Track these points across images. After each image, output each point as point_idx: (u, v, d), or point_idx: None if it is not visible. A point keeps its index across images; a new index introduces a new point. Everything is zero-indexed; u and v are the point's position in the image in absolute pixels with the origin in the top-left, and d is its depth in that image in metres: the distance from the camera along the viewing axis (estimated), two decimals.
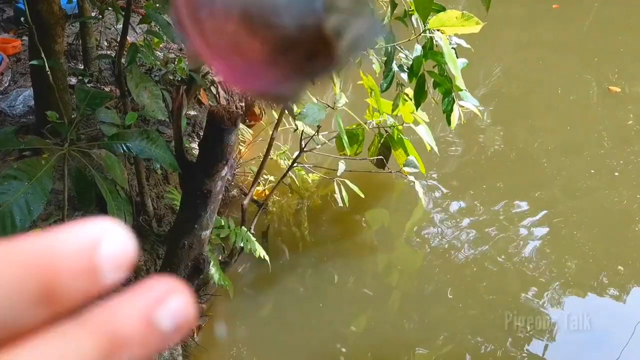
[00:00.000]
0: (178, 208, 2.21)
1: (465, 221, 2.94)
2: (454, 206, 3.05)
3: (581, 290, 2.63)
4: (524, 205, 3.10)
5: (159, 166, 2.29)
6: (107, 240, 0.14)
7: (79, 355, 0.13)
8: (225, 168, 1.60)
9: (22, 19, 3.39)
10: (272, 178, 2.86)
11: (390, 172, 2.60)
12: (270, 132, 2.35)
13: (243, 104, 3.44)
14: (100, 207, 1.79)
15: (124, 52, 1.84)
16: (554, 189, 3.26)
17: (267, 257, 2.17)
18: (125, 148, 1.40)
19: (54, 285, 0.13)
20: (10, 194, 1.15)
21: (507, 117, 3.99)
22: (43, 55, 1.59)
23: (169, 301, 0.16)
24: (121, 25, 3.02)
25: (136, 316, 0.14)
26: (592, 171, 3.35)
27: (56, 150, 1.35)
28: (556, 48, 5.02)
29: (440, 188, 3.16)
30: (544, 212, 3.04)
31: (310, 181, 2.85)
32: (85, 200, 1.42)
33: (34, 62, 1.72)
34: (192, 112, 2.89)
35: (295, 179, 2.82)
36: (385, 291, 2.60)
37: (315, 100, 2.16)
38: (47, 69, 1.61)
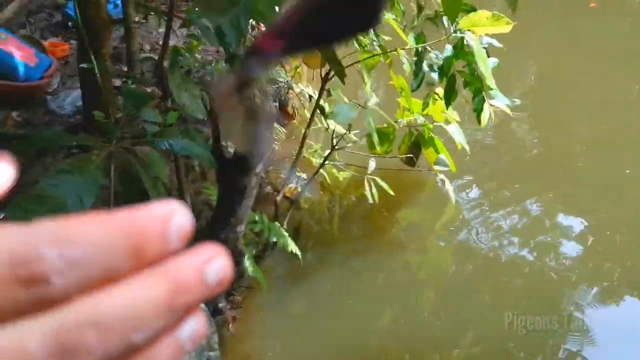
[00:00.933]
0: (215, 203, 2.31)
1: (498, 221, 2.94)
2: (487, 205, 3.05)
3: (618, 294, 2.59)
4: (560, 206, 3.07)
5: (197, 163, 2.39)
6: (176, 215, 0.19)
7: (154, 294, 0.18)
8: (260, 164, 1.68)
9: (70, 23, 3.56)
10: (304, 176, 2.93)
11: (421, 170, 2.64)
12: (303, 131, 2.43)
13: (277, 104, 3.53)
14: (144, 199, 1.90)
15: (166, 55, 1.94)
16: (590, 190, 3.22)
17: (298, 252, 2.24)
18: (167, 145, 1.49)
19: (142, 244, 0.18)
20: (63, 186, 1.25)
21: (542, 117, 3.96)
22: (93, 58, 1.70)
23: (215, 261, 0.20)
24: (163, 30, 3.15)
25: (192, 270, 0.19)
26: (628, 171, 3.30)
27: (104, 147, 1.45)
28: (594, 48, 4.93)
29: (473, 187, 3.18)
30: (581, 213, 3.01)
31: (341, 179, 2.91)
32: (131, 195, 1.53)
33: (84, 65, 1.84)
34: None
35: (326, 177, 2.89)
36: (415, 289, 2.64)
37: (346, 100, 2.22)
38: (96, 71, 1.72)
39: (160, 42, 3.24)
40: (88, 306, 0.16)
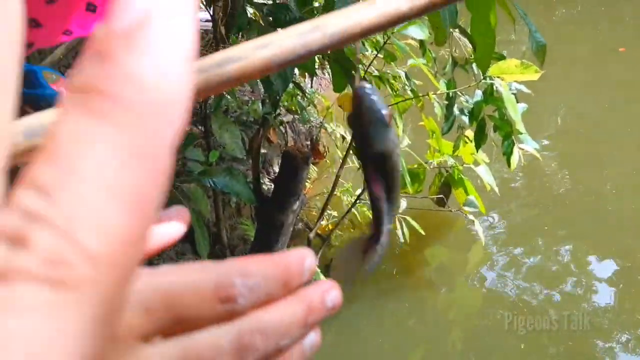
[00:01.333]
0: (250, 238, 2.39)
1: (527, 263, 2.94)
2: (516, 247, 3.06)
3: None
4: (590, 250, 3.04)
5: (234, 200, 2.48)
6: (308, 257, 0.26)
7: (296, 313, 0.25)
8: (297, 202, 1.76)
9: None
10: (335, 213, 2.99)
11: (451, 210, 2.68)
12: (335, 170, 2.51)
13: (309, 143, 3.64)
14: (187, 235, 1.99)
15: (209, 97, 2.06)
16: (620, 234, 3.19)
17: None
18: (212, 183, 1.58)
19: (290, 277, 0.25)
20: None
21: (573, 159, 3.97)
22: None
23: (332, 291, 0.27)
24: None
25: (319, 297, 0.26)
26: None
27: None
28: (624, 89, 4.95)
29: (502, 228, 3.19)
30: (613, 259, 2.97)
31: (371, 217, 2.97)
32: None
33: None
34: (263, 150, 3.09)
35: (357, 214, 2.95)
36: (444, 330, 2.64)
37: None
38: None
39: None
40: (258, 319, 0.24)
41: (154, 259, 1.99)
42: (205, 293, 0.22)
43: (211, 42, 3.77)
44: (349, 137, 3.22)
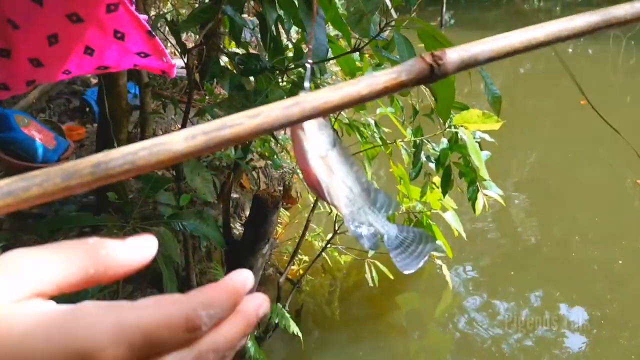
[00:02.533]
0: None
1: (496, 308, 2.98)
2: (485, 292, 3.09)
3: None
4: (561, 298, 3.08)
5: (205, 244, 2.47)
6: (249, 279, 0.31)
7: (239, 329, 0.29)
8: (267, 246, 1.77)
9: (87, 109, 3.78)
10: (306, 258, 3.00)
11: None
12: (306, 215, 2.53)
13: (281, 188, 3.67)
14: (149, 278, 1.97)
15: None
16: (591, 280, 3.25)
17: (300, 334, 2.27)
18: (181, 226, 1.59)
19: (237, 300, 0.29)
20: None
21: (541, 206, 4.08)
22: (115, 144, 1.83)
23: (263, 305, 0.31)
24: (175, 116, 3.35)
25: (254, 312, 0.30)
26: (620, 262, 3.36)
27: (122, 226, 1.55)
28: (589, 140, 5.17)
29: (472, 274, 3.23)
30: (583, 306, 3.02)
31: (342, 262, 2.98)
32: (142, 273, 1.60)
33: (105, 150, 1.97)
34: (235, 195, 3.11)
35: (328, 259, 2.96)
36: None
37: None
38: None
39: (173, 128, 3.44)
40: (212, 339, 0.28)
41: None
42: (177, 326, 0.26)
43: (186, 88, 3.83)
44: None
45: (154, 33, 0.52)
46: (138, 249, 0.30)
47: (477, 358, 2.67)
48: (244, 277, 0.30)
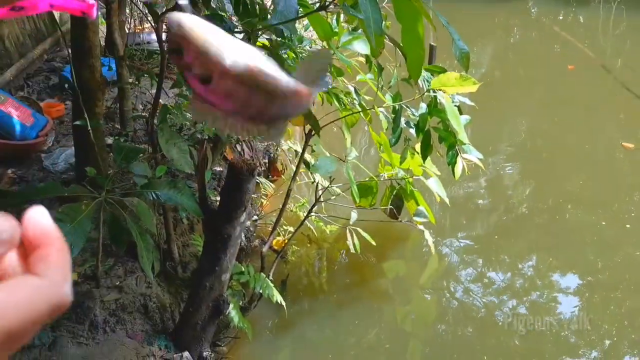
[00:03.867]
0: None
1: (483, 272, 3.00)
2: (477, 259, 3.11)
3: (617, 353, 2.58)
4: (554, 265, 3.10)
5: (185, 216, 2.46)
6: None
7: None
8: (244, 214, 1.76)
9: (66, 85, 3.72)
10: (292, 229, 3.00)
11: (401, 221, 2.72)
12: (288, 184, 2.52)
13: (266, 161, 3.65)
14: (130, 252, 1.96)
15: (157, 113, 2.06)
16: (583, 247, 3.27)
17: (284, 303, 2.28)
18: (154, 196, 1.57)
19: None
20: None
21: (532, 173, 4.09)
22: (86, 116, 1.80)
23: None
24: (152, 90, 3.30)
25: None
26: (628, 226, 3.38)
27: (94, 197, 1.53)
28: (578, 106, 5.16)
29: (458, 240, 3.25)
30: (576, 273, 3.04)
31: (328, 232, 2.99)
32: (118, 244, 1.59)
33: (77, 122, 1.94)
34: (218, 168, 3.09)
35: (314, 230, 2.96)
36: (402, 340, 2.65)
37: (327, 154, 2.33)
38: (89, 128, 1.83)
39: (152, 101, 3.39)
40: None
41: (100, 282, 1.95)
42: None
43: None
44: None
45: None
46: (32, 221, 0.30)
47: (462, 320, 2.70)
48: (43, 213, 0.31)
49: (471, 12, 9.64)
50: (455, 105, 2.19)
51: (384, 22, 1.21)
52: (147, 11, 2.05)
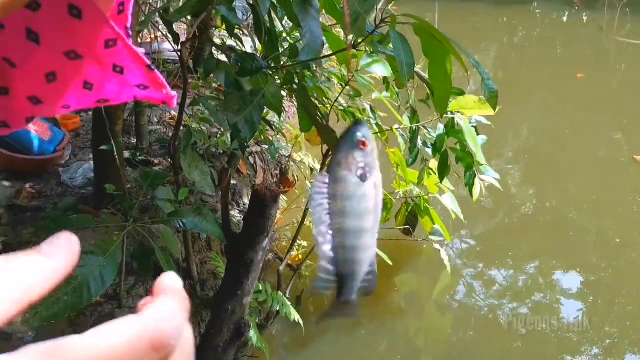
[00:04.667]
0: (220, 273, 2.39)
1: (496, 284, 3.03)
2: (484, 269, 3.14)
3: (620, 354, 2.62)
4: (557, 267, 3.16)
5: (205, 235, 2.49)
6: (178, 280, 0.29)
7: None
8: (266, 239, 1.78)
9: None
10: (305, 243, 3.02)
11: (417, 240, 2.74)
12: (304, 200, 2.54)
13: (278, 172, 3.67)
14: (155, 274, 1.98)
15: (178, 134, 2.08)
16: (587, 250, 3.31)
17: (301, 321, 2.30)
18: (181, 224, 1.59)
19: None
20: (87, 267, 1.35)
21: (536, 176, 4.12)
22: (113, 142, 1.83)
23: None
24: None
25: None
26: (632, 229, 3.40)
27: (123, 227, 1.56)
28: (584, 109, 5.18)
29: (470, 252, 3.27)
30: (579, 274, 3.09)
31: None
32: (145, 270, 1.62)
33: (103, 147, 1.97)
34: (232, 182, 3.12)
35: None
36: (414, 356, 2.68)
37: None
38: (115, 153, 1.85)
39: (168, 115, 3.42)
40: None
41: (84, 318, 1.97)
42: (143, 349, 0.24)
43: (179, 72, 3.79)
44: (317, 168, 3.27)
45: (152, 67, 0.52)
46: (58, 257, 0.25)
47: (476, 334, 2.72)
48: (173, 278, 0.28)
49: (476, 12, 9.65)
50: (472, 126, 2.21)
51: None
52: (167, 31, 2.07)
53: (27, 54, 0.52)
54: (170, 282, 0.28)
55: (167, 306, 0.26)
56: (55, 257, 0.25)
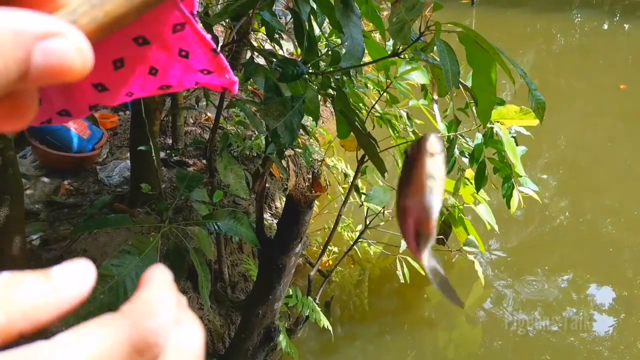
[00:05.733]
0: (252, 276, 2.39)
1: (528, 297, 2.95)
2: (516, 280, 3.07)
3: None
4: (590, 281, 3.08)
5: (237, 238, 2.49)
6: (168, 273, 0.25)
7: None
8: (299, 245, 1.78)
9: None
10: (335, 249, 3.01)
11: (451, 250, 2.69)
12: (336, 205, 2.53)
13: (310, 176, 3.67)
14: (189, 276, 2.00)
15: (215, 138, 2.09)
16: (622, 265, 3.22)
17: (330, 328, 2.28)
18: (216, 227, 1.60)
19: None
20: (124, 266, 1.36)
21: (572, 188, 4.02)
22: (151, 143, 1.85)
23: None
24: (204, 104, 3.36)
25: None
26: None
27: (158, 227, 1.57)
28: (625, 121, 5.03)
29: (501, 262, 3.20)
30: (613, 290, 3.01)
31: (372, 253, 2.98)
32: (179, 272, 1.62)
33: (142, 148, 1.99)
34: (266, 185, 3.12)
35: (357, 251, 2.96)
36: None
37: (380, 182, 2.33)
38: (153, 154, 1.87)
39: (203, 117, 3.45)
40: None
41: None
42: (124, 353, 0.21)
43: None
44: (350, 173, 3.26)
45: (218, 50, 0.52)
46: (68, 285, 0.22)
47: (506, 347, 2.66)
48: (162, 270, 0.24)
49: (514, 19, 9.48)
50: (512, 136, 2.16)
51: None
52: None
53: (96, 42, 0.52)
54: (156, 274, 0.24)
55: (151, 300, 0.22)
56: (63, 288, 0.22)
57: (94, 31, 0.26)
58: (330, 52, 1.51)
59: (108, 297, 1.29)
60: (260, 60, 2.60)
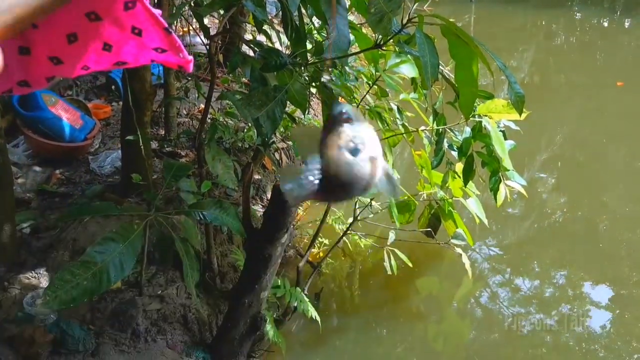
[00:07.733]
0: (240, 267, 2.41)
1: (519, 290, 2.97)
2: (508, 274, 3.09)
3: None
4: (585, 278, 3.08)
5: (226, 228, 2.51)
6: None
7: None
8: (286, 235, 1.79)
9: (112, 87, 3.82)
10: (326, 241, 3.02)
11: (439, 243, 2.71)
12: None
13: None
14: (175, 264, 2.01)
15: (204, 128, 2.10)
16: (618, 262, 3.22)
17: (318, 318, 2.30)
18: (201, 216, 1.61)
19: None
20: (108, 253, 1.37)
21: (569, 185, 4.02)
22: (139, 133, 1.86)
23: None
24: (196, 96, 3.36)
25: None
26: None
27: (145, 216, 1.58)
28: (622, 118, 5.04)
29: (496, 257, 3.22)
30: (607, 286, 3.01)
31: (362, 246, 3.00)
32: (165, 259, 1.64)
33: (130, 137, 2.00)
34: (257, 177, 3.13)
35: (348, 243, 2.98)
36: (432, 358, 2.65)
37: None
38: (141, 143, 1.88)
39: (196, 108, 3.46)
40: None
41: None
42: None
43: (207, 65, 3.83)
44: None
45: (170, 29, 0.54)
46: None
47: (496, 340, 2.68)
48: None
49: (514, 15, 9.47)
50: (500, 130, 2.17)
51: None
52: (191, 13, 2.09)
53: (49, 16, 0.54)
54: None
55: None
56: None
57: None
58: (315, 44, 1.52)
59: (91, 283, 1.31)
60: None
